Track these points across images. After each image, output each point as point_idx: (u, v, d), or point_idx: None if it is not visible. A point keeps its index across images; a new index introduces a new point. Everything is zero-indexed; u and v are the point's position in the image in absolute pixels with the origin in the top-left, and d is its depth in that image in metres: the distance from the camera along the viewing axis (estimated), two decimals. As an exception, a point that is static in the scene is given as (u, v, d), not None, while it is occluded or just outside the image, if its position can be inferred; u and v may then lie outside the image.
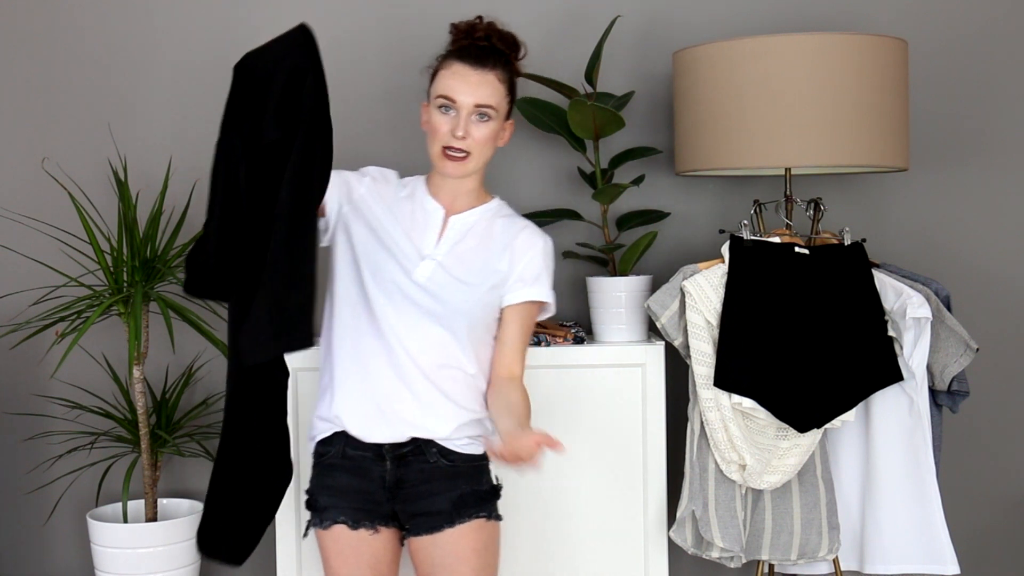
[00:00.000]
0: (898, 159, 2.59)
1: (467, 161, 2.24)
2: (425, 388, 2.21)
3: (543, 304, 2.33)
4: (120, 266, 2.82)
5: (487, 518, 2.25)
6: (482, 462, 2.28)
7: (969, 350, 2.59)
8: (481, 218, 2.32)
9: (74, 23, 3.03)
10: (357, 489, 2.25)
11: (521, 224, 2.34)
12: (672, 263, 2.98)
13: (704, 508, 2.58)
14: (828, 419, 2.55)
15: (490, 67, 2.24)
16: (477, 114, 2.22)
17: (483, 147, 2.25)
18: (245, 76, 2.13)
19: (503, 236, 2.30)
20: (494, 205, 2.36)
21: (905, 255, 3.02)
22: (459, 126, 2.21)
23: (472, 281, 2.25)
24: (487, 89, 2.22)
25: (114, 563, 2.80)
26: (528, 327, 2.32)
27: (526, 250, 2.29)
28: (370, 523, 2.24)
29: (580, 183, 2.97)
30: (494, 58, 2.25)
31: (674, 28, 3.01)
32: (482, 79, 2.22)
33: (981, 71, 3.04)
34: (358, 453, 2.24)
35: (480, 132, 2.23)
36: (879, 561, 2.66)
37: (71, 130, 3.04)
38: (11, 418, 3.06)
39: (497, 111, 2.24)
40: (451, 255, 2.27)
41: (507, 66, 2.28)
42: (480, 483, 2.26)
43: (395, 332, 2.21)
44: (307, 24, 2.15)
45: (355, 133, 2.96)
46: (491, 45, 2.27)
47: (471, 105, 2.21)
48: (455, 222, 2.30)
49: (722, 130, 2.55)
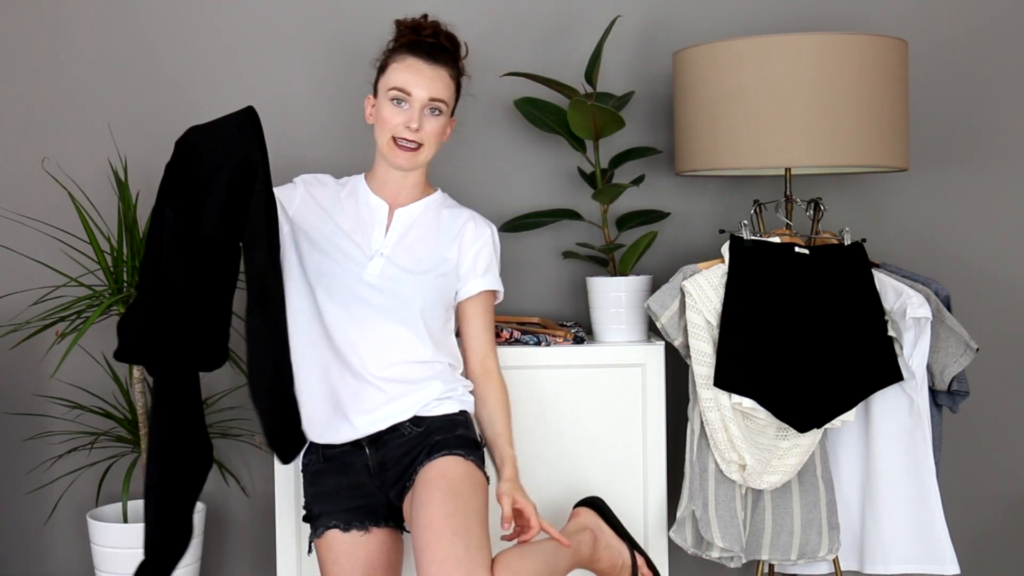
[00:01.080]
0: (898, 159, 2.59)
1: (419, 152, 2.32)
2: (388, 385, 2.26)
3: (495, 292, 2.43)
4: (120, 266, 2.82)
5: (464, 457, 2.22)
6: (456, 418, 2.30)
7: (969, 350, 2.59)
8: (427, 209, 2.41)
9: (74, 23, 3.03)
10: (346, 486, 2.26)
11: (467, 214, 2.43)
12: (672, 263, 2.98)
13: (704, 508, 2.58)
14: (828, 419, 2.55)
15: (442, 63, 2.33)
16: (430, 108, 2.32)
17: (434, 140, 2.34)
18: (187, 154, 2.11)
19: (450, 226, 2.39)
20: (438, 196, 2.45)
21: (905, 255, 3.02)
22: (413, 118, 2.29)
23: (421, 269, 2.32)
24: (440, 84, 2.32)
25: (114, 563, 2.80)
26: (489, 317, 2.42)
27: (474, 240, 2.38)
28: (361, 523, 2.24)
29: (580, 183, 2.97)
30: (444, 55, 2.35)
31: (674, 28, 3.01)
32: (435, 74, 2.32)
33: (981, 71, 3.04)
34: (336, 451, 2.27)
35: (431, 125, 2.32)
36: (879, 561, 2.66)
37: (71, 130, 3.04)
38: (11, 418, 3.06)
39: (447, 106, 2.35)
40: (399, 247, 2.33)
41: (455, 64, 2.38)
42: (454, 431, 2.27)
43: (348, 339, 2.26)
44: (254, 108, 2.19)
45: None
46: (439, 43, 2.35)
47: (425, 98, 2.30)
48: (400, 215, 2.38)
49: (722, 130, 2.55)
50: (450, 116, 2.40)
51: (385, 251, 2.32)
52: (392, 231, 2.35)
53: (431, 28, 2.38)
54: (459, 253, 2.38)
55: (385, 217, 2.37)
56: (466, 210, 2.45)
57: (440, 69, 2.33)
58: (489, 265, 2.41)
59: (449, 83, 2.35)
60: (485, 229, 2.42)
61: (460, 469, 2.19)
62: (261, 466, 3.07)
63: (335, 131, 2.99)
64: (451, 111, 2.40)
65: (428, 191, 2.45)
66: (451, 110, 2.39)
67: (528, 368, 2.63)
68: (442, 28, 2.40)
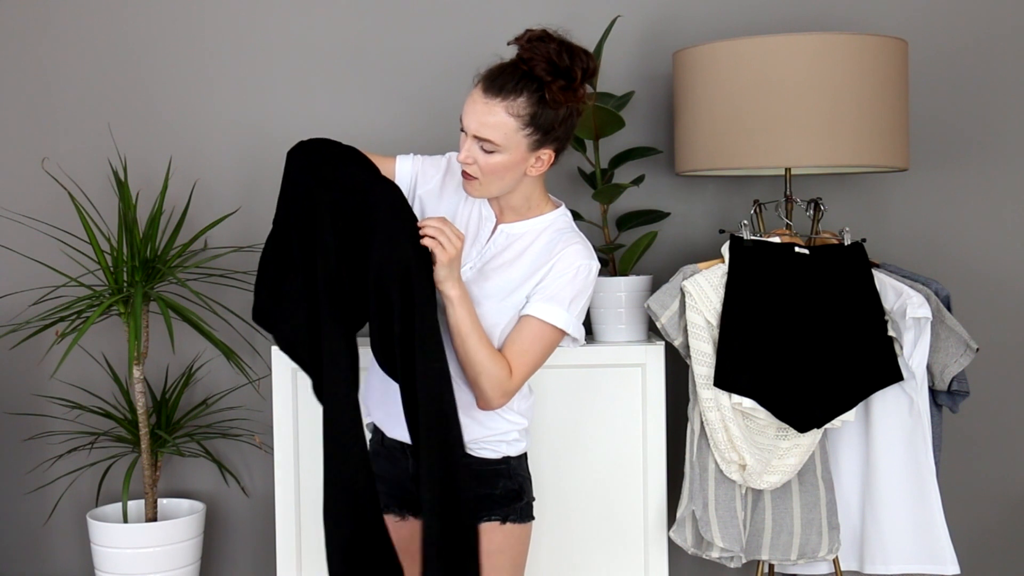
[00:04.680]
0: (898, 159, 2.59)
1: (475, 184, 2.09)
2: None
3: (559, 330, 2.10)
4: (120, 266, 2.82)
5: (500, 521, 2.19)
6: (498, 467, 2.20)
7: (969, 350, 2.58)
8: (530, 231, 2.16)
9: (74, 23, 3.03)
10: (392, 476, 2.23)
11: (569, 240, 2.13)
12: (672, 263, 2.98)
13: (704, 508, 2.58)
14: (828, 419, 2.55)
15: (503, 95, 2.02)
16: (479, 144, 2.05)
17: (491, 176, 2.07)
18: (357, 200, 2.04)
19: (549, 250, 2.13)
20: (551, 217, 2.17)
21: (905, 255, 3.02)
22: (463, 150, 2.07)
23: (505, 294, 2.13)
24: (489, 121, 2.02)
25: (114, 563, 2.80)
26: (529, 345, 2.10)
27: (562, 268, 2.11)
28: (399, 510, 2.24)
29: (580, 183, 2.97)
30: (515, 84, 2.02)
31: (674, 28, 3.01)
32: (487, 109, 2.02)
33: (981, 71, 3.04)
34: (392, 443, 2.23)
35: (486, 161, 2.05)
36: (879, 561, 2.66)
37: (71, 130, 3.04)
38: (11, 418, 3.06)
39: (501, 146, 2.03)
40: (490, 265, 2.15)
41: (535, 94, 2.02)
42: (494, 487, 2.19)
43: None
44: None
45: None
46: (510, 67, 2.04)
47: (472, 134, 2.05)
48: (504, 231, 2.17)
49: (722, 130, 2.55)
50: (532, 150, 2.06)
51: (475, 265, 2.14)
52: (488, 248, 2.16)
53: (529, 51, 2.03)
54: (543, 278, 2.11)
55: (489, 231, 2.17)
56: (573, 235, 2.14)
57: (496, 104, 2.02)
58: (556, 295, 2.09)
59: (505, 120, 2.01)
60: (576, 260, 2.10)
61: (498, 539, 2.18)
62: (261, 466, 3.07)
63: (335, 133, 2.99)
64: (528, 146, 2.05)
65: (542, 209, 2.17)
66: (524, 146, 2.05)
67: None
68: (544, 49, 2.02)
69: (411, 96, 3.01)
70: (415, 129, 2.98)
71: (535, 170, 2.10)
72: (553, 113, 2.04)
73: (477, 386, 2.09)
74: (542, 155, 2.08)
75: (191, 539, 2.84)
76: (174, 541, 2.81)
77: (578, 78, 2.03)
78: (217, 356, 3.01)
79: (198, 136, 3.03)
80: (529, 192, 2.15)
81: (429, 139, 2.84)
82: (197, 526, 2.87)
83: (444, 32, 2.99)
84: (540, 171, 2.10)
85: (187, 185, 2.98)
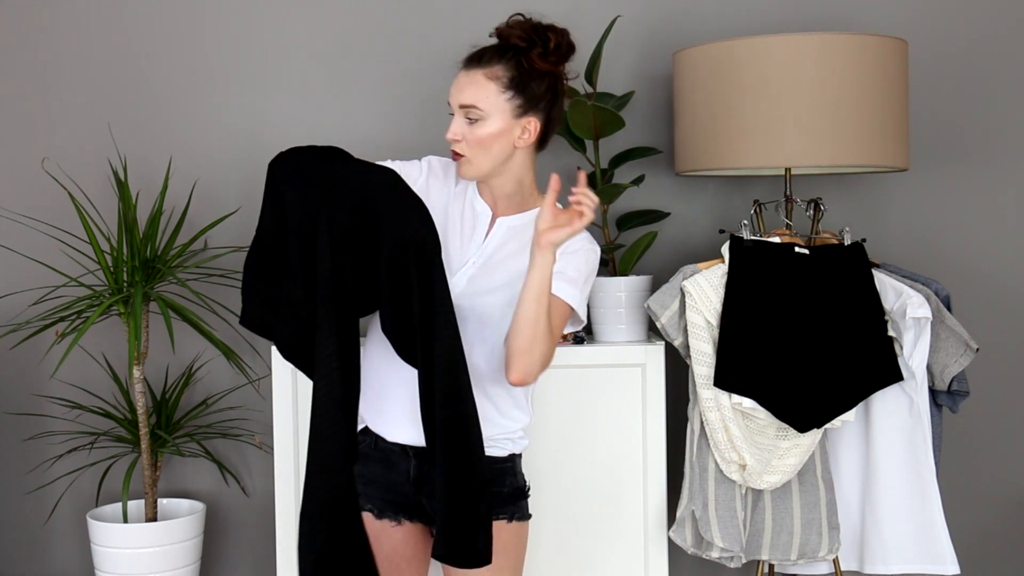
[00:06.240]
0: (898, 159, 2.59)
1: (465, 163, 2.13)
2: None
3: (571, 308, 2.13)
4: (120, 266, 2.82)
5: (508, 520, 2.20)
6: (505, 465, 2.21)
7: (969, 350, 2.59)
8: (529, 223, 2.17)
9: (74, 23, 3.03)
10: (387, 480, 2.22)
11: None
12: (672, 263, 2.98)
13: (704, 508, 2.58)
14: (828, 419, 2.55)
15: (482, 64, 2.10)
16: (465, 116, 2.10)
17: (479, 148, 2.11)
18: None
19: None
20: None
21: (905, 255, 3.02)
22: (450, 128, 2.12)
23: (497, 286, 2.15)
24: (470, 88, 2.09)
25: (114, 563, 2.80)
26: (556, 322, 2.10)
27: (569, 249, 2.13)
28: (394, 515, 2.22)
29: (580, 183, 2.96)
30: (494, 54, 2.11)
31: (674, 28, 3.01)
32: (468, 79, 2.10)
33: (981, 71, 3.04)
34: (387, 447, 2.21)
35: (473, 134, 2.10)
36: (879, 561, 2.66)
37: (71, 130, 3.04)
38: (11, 418, 3.06)
39: (483, 110, 2.09)
40: (489, 262, 2.16)
41: (512, 60, 2.10)
42: (502, 485, 2.21)
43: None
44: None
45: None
46: (499, 44, 2.12)
47: (456, 106, 2.11)
48: (503, 224, 2.18)
49: (722, 130, 2.55)
50: (516, 116, 2.10)
51: (478, 260, 2.15)
52: (489, 242, 2.16)
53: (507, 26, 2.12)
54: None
55: (487, 224, 2.18)
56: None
57: (476, 72, 2.09)
58: (569, 276, 2.11)
59: (484, 84, 2.08)
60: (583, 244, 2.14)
61: (504, 537, 2.18)
62: (261, 466, 3.07)
63: (334, 133, 2.99)
64: (511, 112, 2.10)
65: (537, 201, 2.19)
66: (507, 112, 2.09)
67: (528, 368, 2.63)
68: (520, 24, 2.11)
69: (411, 97, 3.01)
70: (415, 130, 2.98)
71: (523, 141, 2.13)
72: (535, 82, 2.11)
73: (527, 355, 2.05)
74: (528, 124, 2.12)
75: (191, 539, 2.84)
76: (174, 541, 2.81)
77: (553, 43, 2.12)
78: (217, 356, 3.01)
79: (198, 136, 3.03)
80: (521, 175, 2.18)
81: (429, 140, 2.84)
82: (197, 526, 2.87)
83: (444, 34, 2.99)
84: (528, 142, 2.13)
85: (187, 185, 2.98)
